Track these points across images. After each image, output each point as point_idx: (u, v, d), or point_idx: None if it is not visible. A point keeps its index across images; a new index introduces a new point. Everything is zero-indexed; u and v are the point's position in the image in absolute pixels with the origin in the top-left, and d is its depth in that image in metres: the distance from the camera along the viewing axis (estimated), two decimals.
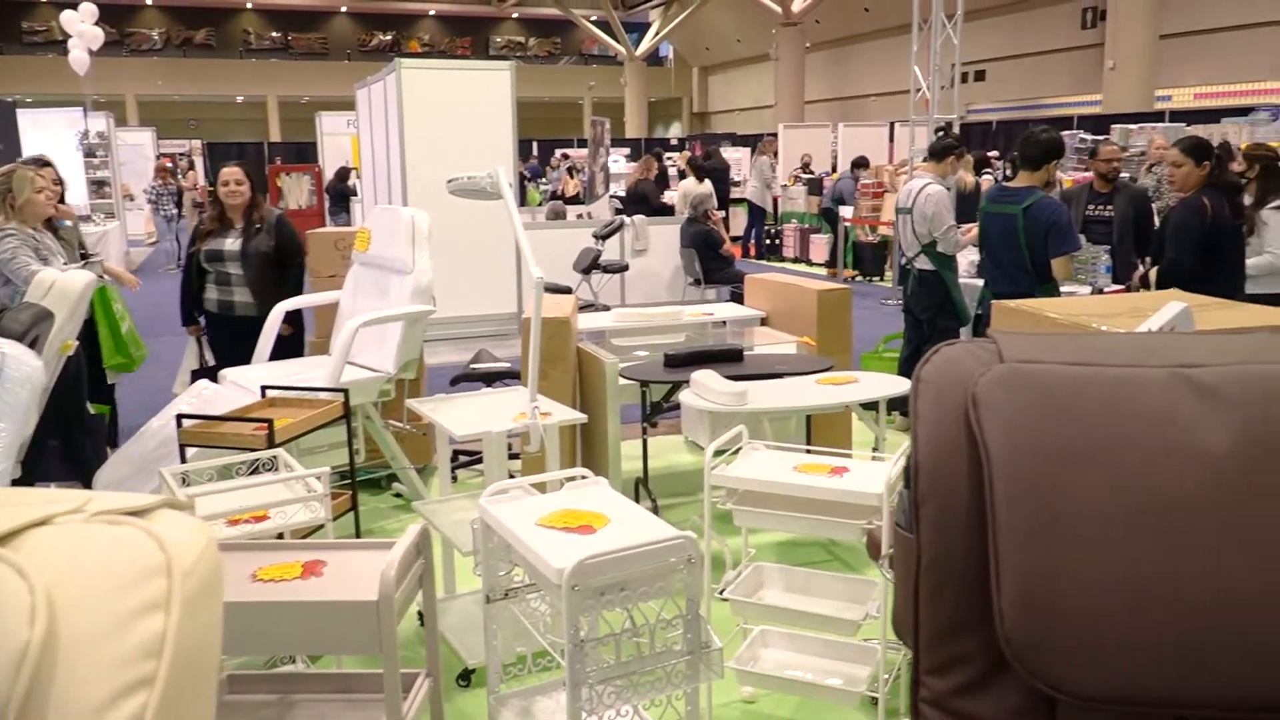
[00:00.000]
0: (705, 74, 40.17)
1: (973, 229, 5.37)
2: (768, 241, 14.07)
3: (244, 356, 4.30)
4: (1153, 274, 4.40)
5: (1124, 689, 0.94)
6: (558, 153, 19.69)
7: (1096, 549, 0.96)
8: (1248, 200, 5.03)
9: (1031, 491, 0.98)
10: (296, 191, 15.11)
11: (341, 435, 3.38)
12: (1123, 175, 6.00)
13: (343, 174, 14.66)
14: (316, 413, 3.16)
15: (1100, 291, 4.99)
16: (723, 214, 10.24)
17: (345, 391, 3.30)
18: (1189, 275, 4.20)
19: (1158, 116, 18.81)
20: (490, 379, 4.56)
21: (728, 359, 4.06)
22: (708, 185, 10.11)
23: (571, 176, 16.01)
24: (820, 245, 12.89)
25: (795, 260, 13.58)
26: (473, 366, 4.65)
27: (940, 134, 5.82)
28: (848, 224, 11.52)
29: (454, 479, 4.79)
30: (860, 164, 12.06)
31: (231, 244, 4.61)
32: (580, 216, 11.03)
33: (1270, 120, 12.86)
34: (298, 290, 4.63)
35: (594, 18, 34.34)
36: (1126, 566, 0.96)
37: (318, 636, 2.01)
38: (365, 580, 1.99)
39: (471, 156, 5.57)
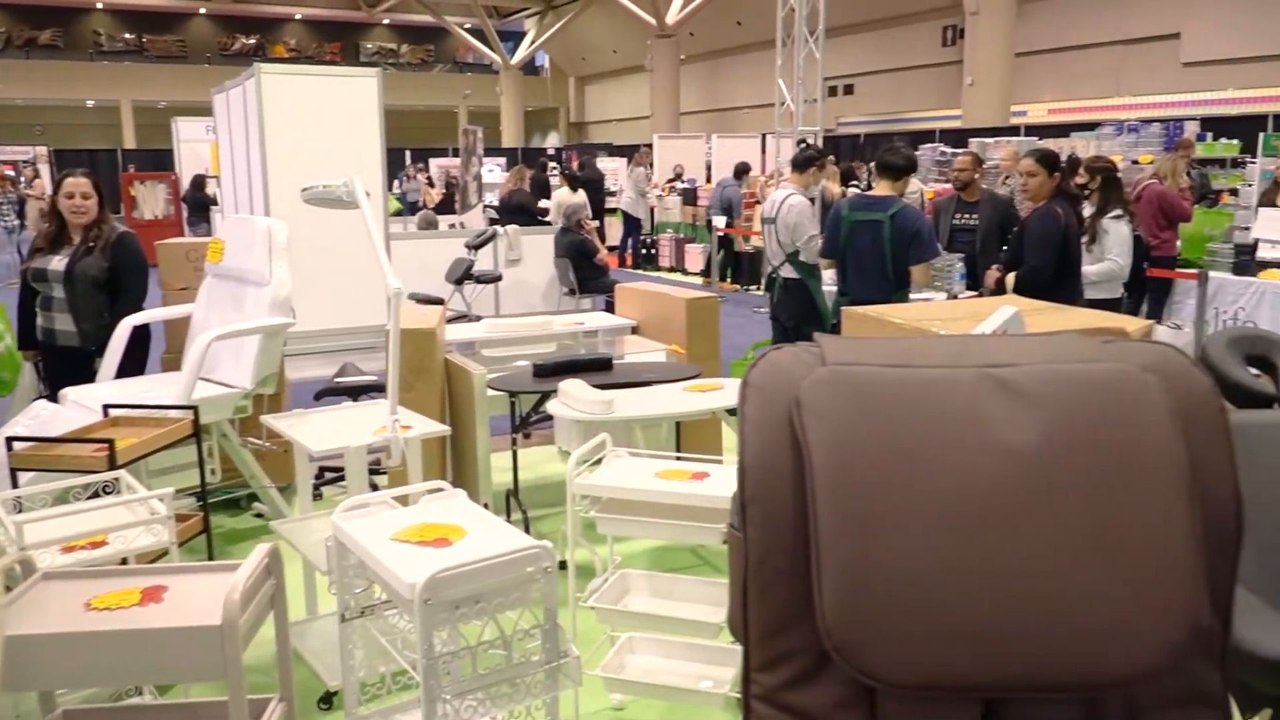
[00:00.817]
0: (582, 84, 40.30)
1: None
2: (644, 251, 14.18)
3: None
4: (1009, 280, 4.60)
5: (936, 675, 0.98)
6: (409, 164, 19.32)
7: (910, 542, 1.00)
8: (1088, 210, 5.33)
9: (850, 489, 1.01)
10: (152, 201, 14.45)
11: (195, 455, 3.25)
12: (982, 186, 6.26)
13: (200, 182, 14.11)
14: (163, 432, 3.02)
15: (955, 297, 5.20)
16: (597, 224, 10.27)
17: (195, 409, 3.17)
18: (1048, 281, 4.41)
19: (1014, 131, 19.76)
20: (356, 393, 4.45)
21: (597, 368, 4.07)
22: (581, 195, 10.13)
23: (432, 186, 15.79)
24: (696, 254, 13.06)
25: (671, 269, 13.73)
26: (337, 380, 4.54)
27: (803, 146, 5.97)
28: (720, 234, 11.71)
29: (319, 496, 4.66)
30: (743, 171, 12.28)
31: (57, 263, 4.10)
32: (453, 226, 10.90)
33: (1114, 135, 13.66)
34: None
35: (468, 25, 34.06)
36: (937, 558, 0.99)
37: (158, 666, 1.92)
38: (209, 605, 1.91)
39: (337, 165, 5.43)
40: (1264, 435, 2.20)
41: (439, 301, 7.05)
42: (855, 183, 11.89)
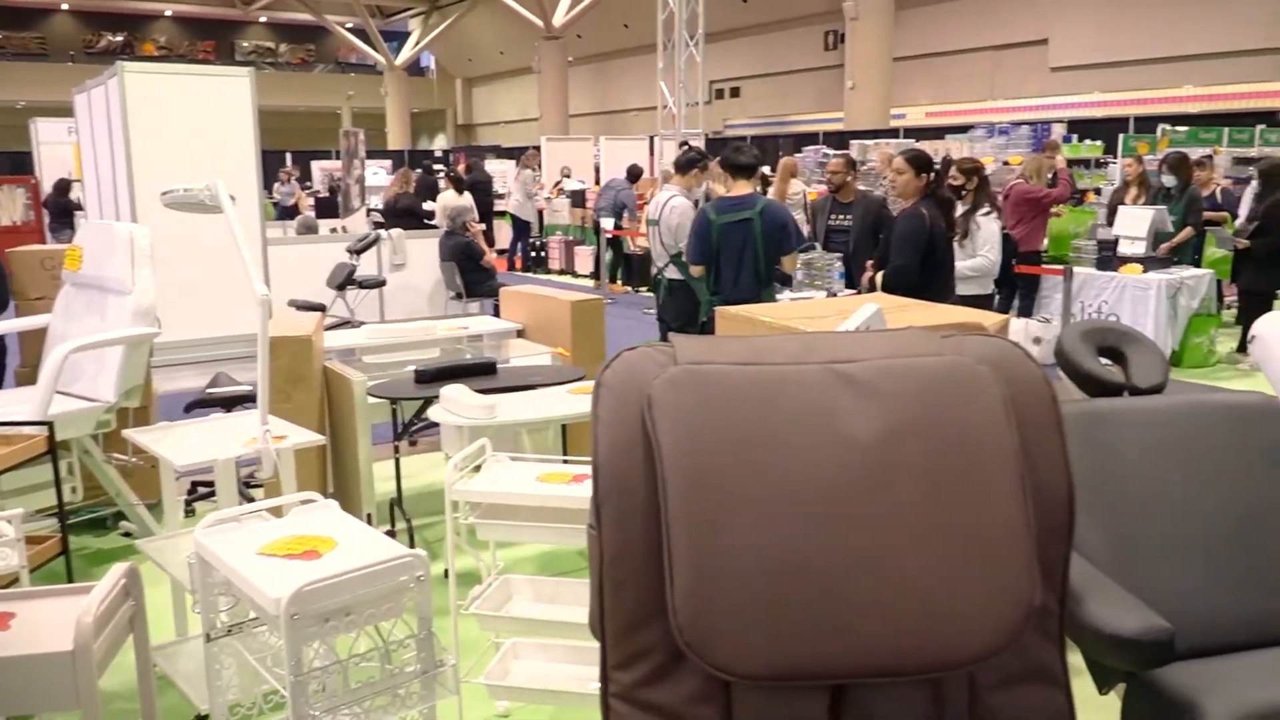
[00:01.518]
0: (469, 85, 39.88)
1: None
2: (534, 254, 14.10)
3: None
4: (879, 278, 4.74)
5: (785, 666, 1.00)
6: (282, 169, 18.78)
7: (759, 536, 1.02)
8: (961, 209, 5.53)
9: (700, 485, 1.02)
10: (9, 206, 13.70)
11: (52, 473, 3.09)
12: (860, 187, 6.41)
13: (63, 186, 13.43)
14: (13, 450, 2.86)
15: (834, 295, 5.33)
16: (484, 226, 10.17)
17: (50, 425, 3.01)
18: (914, 280, 4.56)
19: (893, 133, 20.37)
20: (229, 404, 4.30)
21: (480, 372, 4.03)
22: (468, 198, 10.02)
23: (303, 190, 15.39)
24: (585, 257, 13.06)
25: (561, 272, 13.69)
26: (209, 391, 4.38)
27: (685, 149, 6.03)
28: (608, 235, 11.74)
29: (192, 512, 4.49)
30: (636, 174, 12.31)
31: None
32: (335, 230, 10.65)
33: (986, 137, 14.19)
34: None
35: (350, 25, 33.33)
36: (785, 550, 1.01)
37: (6, 696, 1.82)
38: (60, 630, 1.82)
39: (208, 168, 5.23)
40: (1114, 422, 2.31)
41: (320, 308, 6.88)
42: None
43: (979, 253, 5.49)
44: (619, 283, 12.27)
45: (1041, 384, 1.13)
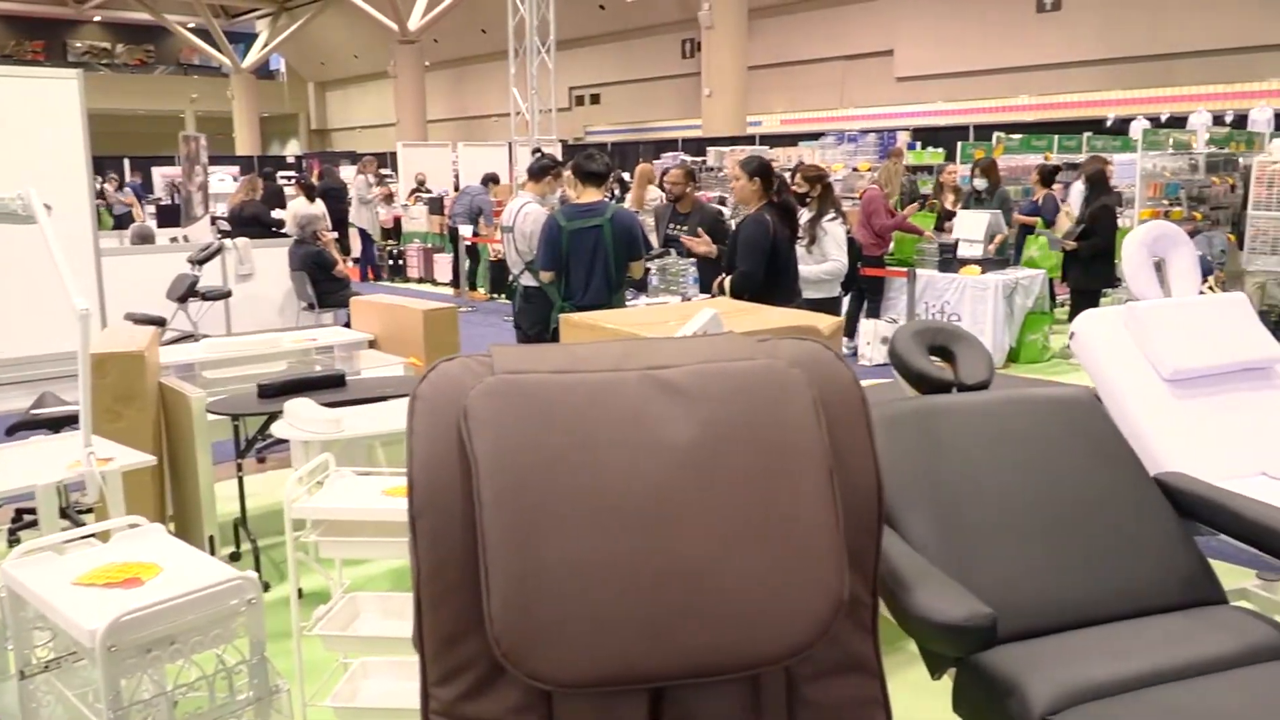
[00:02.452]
0: (323, 89, 38.78)
1: None
2: (389, 262, 13.78)
3: None
4: (728, 284, 4.82)
5: (605, 671, 1.00)
6: (109, 175, 17.83)
7: (577, 543, 1.02)
8: (806, 216, 5.68)
9: (517, 495, 1.02)
10: None
11: None
12: (711, 194, 6.50)
13: None
14: None
15: (688, 299, 5.41)
16: (336, 235, 9.90)
17: None
18: (759, 284, 4.66)
19: (750, 140, 20.85)
20: (56, 425, 4.05)
21: (328, 385, 3.91)
22: (319, 205, 9.74)
23: (139, 198, 14.65)
24: (445, 264, 12.87)
25: (420, 280, 13.45)
26: (34, 412, 4.11)
27: (537, 155, 6.01)
28: (467, 243, 11.60)
29: (16, 541, 4.21)
30: (491, 180, 12.18)
31: None
32: (175, 240, 10.17)
33: (836, 144, 14.66)
34: None
35: (192, 25, 31.94)
36: (603, 556, 1.02)
37: None
38: None
39: (31, 175, 4.93)
40: (943, 417, 2.41)
41: (160, 322, 6.56)
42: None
43: (829, 257, 5.66)
44: (480, 290, 12.14)
45: (851, 384, 1.17)
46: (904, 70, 25.39)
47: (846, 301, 8.11)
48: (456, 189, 15.20)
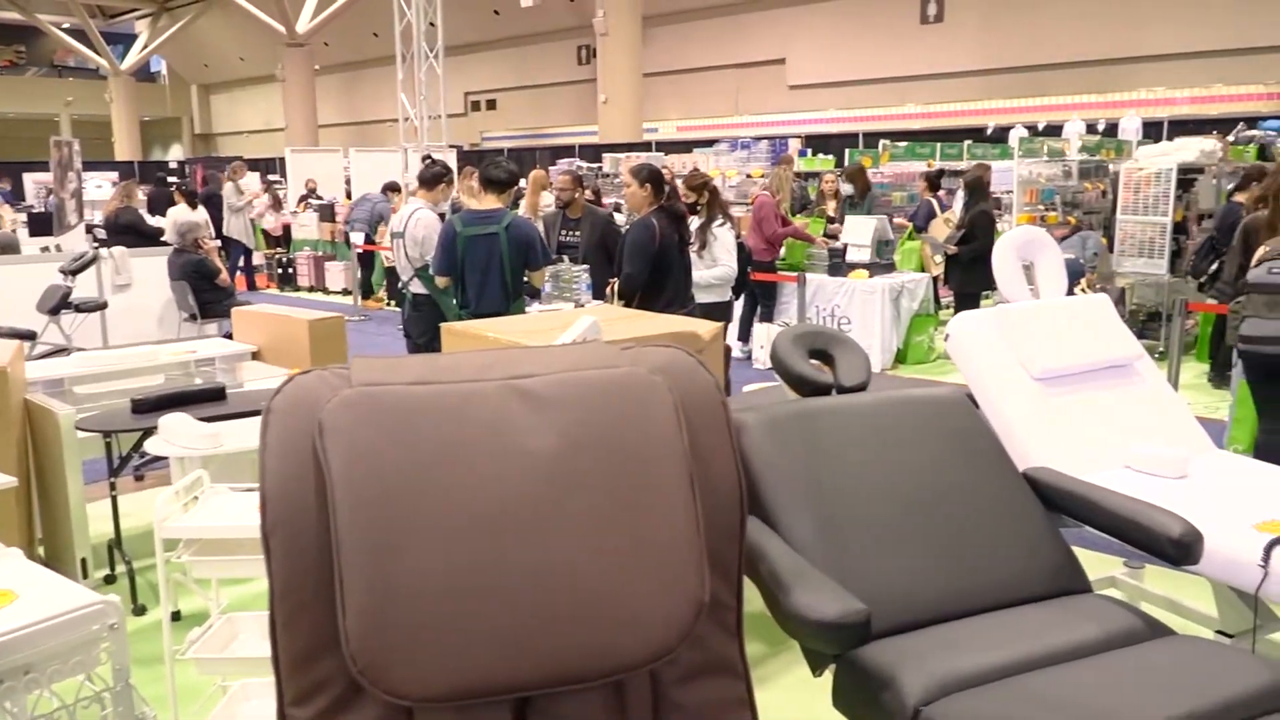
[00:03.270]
0: (207, 92, 37.58)
1: None
2: (279, 271, 13.41)
3: None
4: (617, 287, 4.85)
5: (466, 684, 0.99)
6: None
7: (435, 555, 1.01)
8: (697, 222, 5.75)
9: (372, 508, 1.00)
10: None
11: None
12: (605, 200, 6.50)
13: None
14: None
15: (581, 306, 5.41)
16: (220, 243, 9.59)
17: None
18: (644, 288, 4.70)
19: (646, 146, 20.99)
20: None
21: (208, 399, 3.79)
22: (201, 212, 9.43)
23: (9, 205, 13.95)
24: (337, 272, 12.60)
25: (311, 289, 13.13)
26: None
27: (428, 163, 5.94)
28: (358, 250, 11.39)
29: None
30: (393, 188, 11.95)
31: None
32: (47, 249, 9.70)
33: (730, 151, 14.87)
34: None
35: (67, 25, 30.57)
36: (462, 569, 1.01)
37: None
38: None
39: None
40: (823, 419, 2.47)
41: (30, 335, 6.26)
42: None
43: (718, 262, 5.74)
44: (374, 298, 11.92)
45: (712, 390, 1.19)
46: (796, 79, 25.93)
47: (740, 305, 8.25)
48: (349, 196, 14.90)
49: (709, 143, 16.44)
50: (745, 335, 8.37)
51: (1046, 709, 1.81)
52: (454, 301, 4.81)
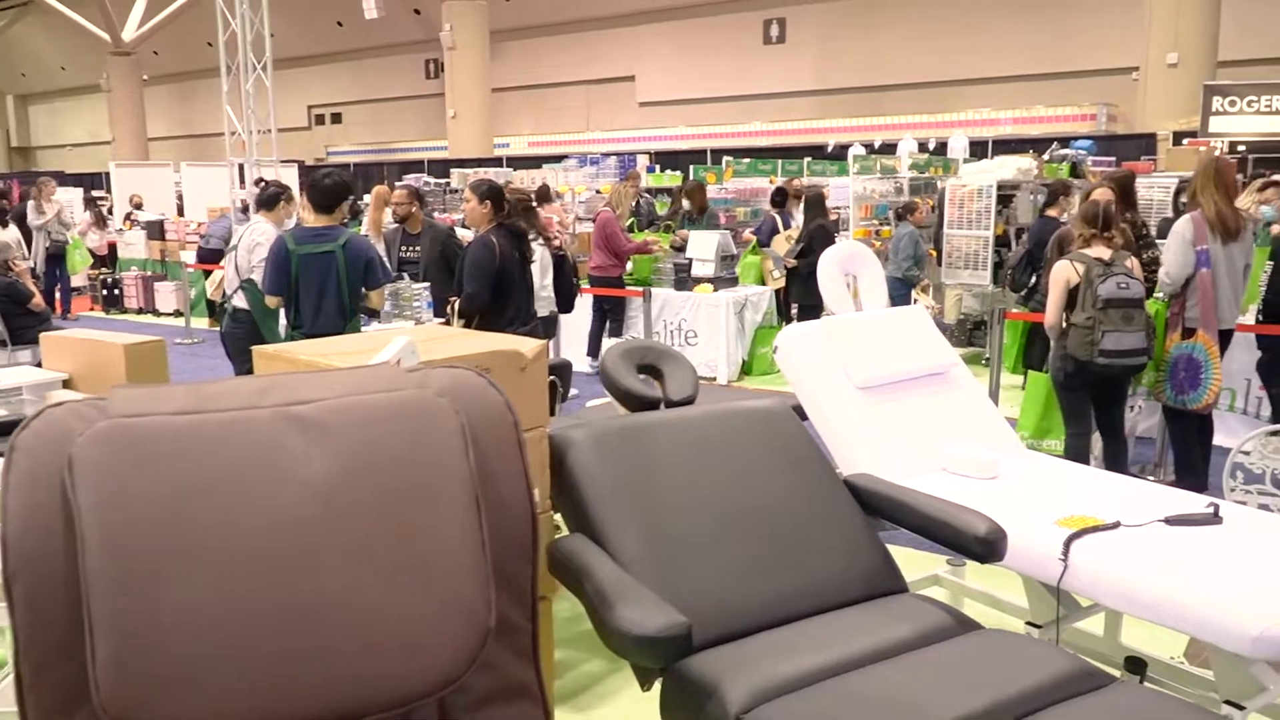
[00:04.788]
0: (24, 103, 35.28)
1: None
2: (104, 292, 12.66)
3: None
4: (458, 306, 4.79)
5: None
6: None
7: (196, 591, 0.95)
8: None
9: (127, 547, 0.94)
10: None
11: None
12: (450, 216, 6.39)
13: None
14: None
15: (421, 324, 5.31)
16: (31, 265, 8.98)
17: None
18: (485, 307, 4.65)
19: (497, 162, 20.87)
20: None
21: (5, 432, 3.53)
22: (13, 231, 8.81)
23: None
24: (168, 293, 12.00)
25: (140, 311, 12.46)
26: None
27: (262, 185, 5.75)
28: (190, 269, 10.89)
29: None
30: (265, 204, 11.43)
31: None
32: None
33: (579, 166, 14.94)
34: None
35: None
36: (230, 601, 0.96)
37: None
38: None
39: None
40: (651, 433, 2.49)
41: None
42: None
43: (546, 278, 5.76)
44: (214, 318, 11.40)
45: (502, 410, 1.18)
46: (645, 95, 26.30)
47: (590, 321, 8.29)
48: (181, 212, 14.23)
49: (559, 158, 16.49)
50: (594, 351, 8.40)
51: (859, 707, 1.86)
52: (281, 323, 4.63)
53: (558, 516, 2.46)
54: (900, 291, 8.13)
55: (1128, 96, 18.36)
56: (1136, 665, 2.74)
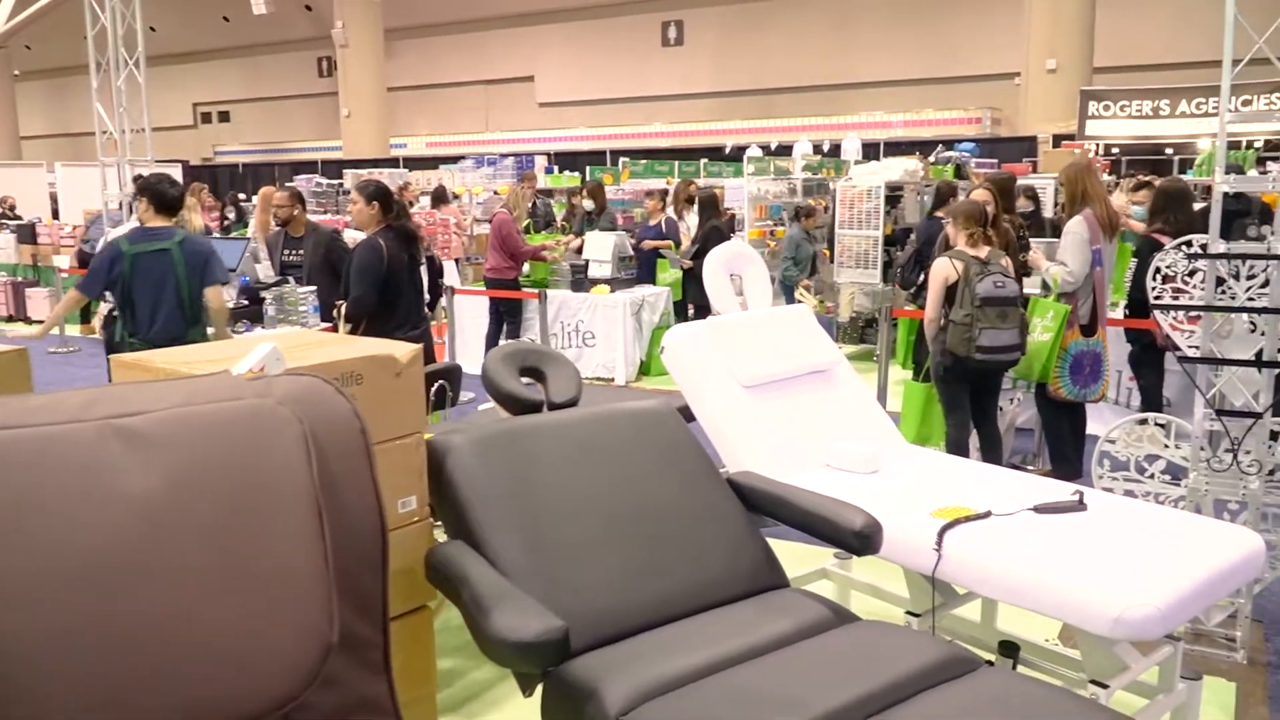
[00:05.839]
0: None
1: None
2: None
3: None
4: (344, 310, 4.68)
5: None
6: None
7: (18, 620, 0.90)
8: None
9: None
10: None
11: None
12: (305, 220, 6.13)
13: None
14: None
15: (307, 327, 5.18)
16: None
17: None
18: (372, 309, 4.56)
19: (394, 162, 20.52)
20: None
21: None
22: None
23: None
24: (41, 300, 11.46)
25: (10, 319, 11.87)
26: None
27: (138, 180, 5.51)
28: (62, 274, 10.42)
29: None
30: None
31: None
32: None
33: (475, 167, 14.78)
34: None
35: None
36: (46, 626, 0.91)
37: None
38: None
39: None
40: (533, 436, 2.47)
41: None
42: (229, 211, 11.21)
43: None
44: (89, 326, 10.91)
45: (348, 418, 1.15)
46: (545, 96, 26.21)
47: (486, 323, 8.20)
48: (55, 215, 13.61)
49: (457, 159, 16.31)
50: None
51: (736, 703, 1.88)
52: (122, 329, 4.44)
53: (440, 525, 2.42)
54: (783, 292, 8.32)
55: (1010, 101, 19.06)
56: (1010, 649, 2.84)
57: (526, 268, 8.38)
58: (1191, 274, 3.40)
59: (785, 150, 14.88)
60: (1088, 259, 4.70)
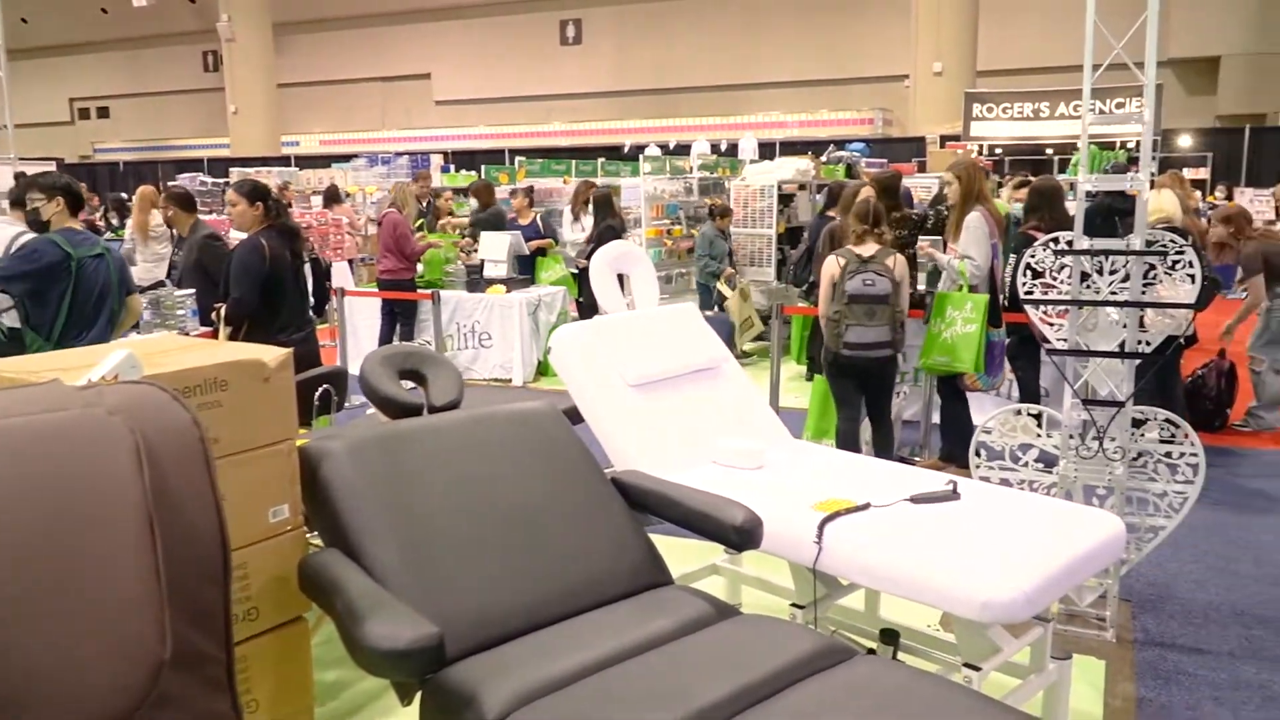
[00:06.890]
0: None
1: None
2: None
3: None
4: (223, 313, 4.53)
5: None
6: None
7: None
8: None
9: None
10: None
11: None
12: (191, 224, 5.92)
13: None
14: None
15: (186, 333, 5.00)
16: None
17: None
18: (253, 311, 4.43)
19: (285, 161, 19.99)
20: None
21: None
22: None
23: None
24: None
25: None
26: None
27: (21, 180, 5.27)
28: None
29: None
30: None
31: None
32: None
33: (369, 166, 14.50)
34: None
35: None
36: None
37: None
38: None
39: None
40: (413, 441, 2.42)
41: None
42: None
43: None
44: None
45: (186, 426, 1.11)
46: (443, 94, 25.87)
47: (379, 325, 8.05)
48: None
49: (349, 158, 15.97)
50: None
51: (616, 702, 1.88)
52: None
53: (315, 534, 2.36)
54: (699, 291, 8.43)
55: (900, 102, 19.59)
56: (890, 637, 2.91)
57: (421, 268, 8.25)
58: (1060, 269, 3.54)
59: (684, 150, 14.99)
60: (989, 252, 4.86)
